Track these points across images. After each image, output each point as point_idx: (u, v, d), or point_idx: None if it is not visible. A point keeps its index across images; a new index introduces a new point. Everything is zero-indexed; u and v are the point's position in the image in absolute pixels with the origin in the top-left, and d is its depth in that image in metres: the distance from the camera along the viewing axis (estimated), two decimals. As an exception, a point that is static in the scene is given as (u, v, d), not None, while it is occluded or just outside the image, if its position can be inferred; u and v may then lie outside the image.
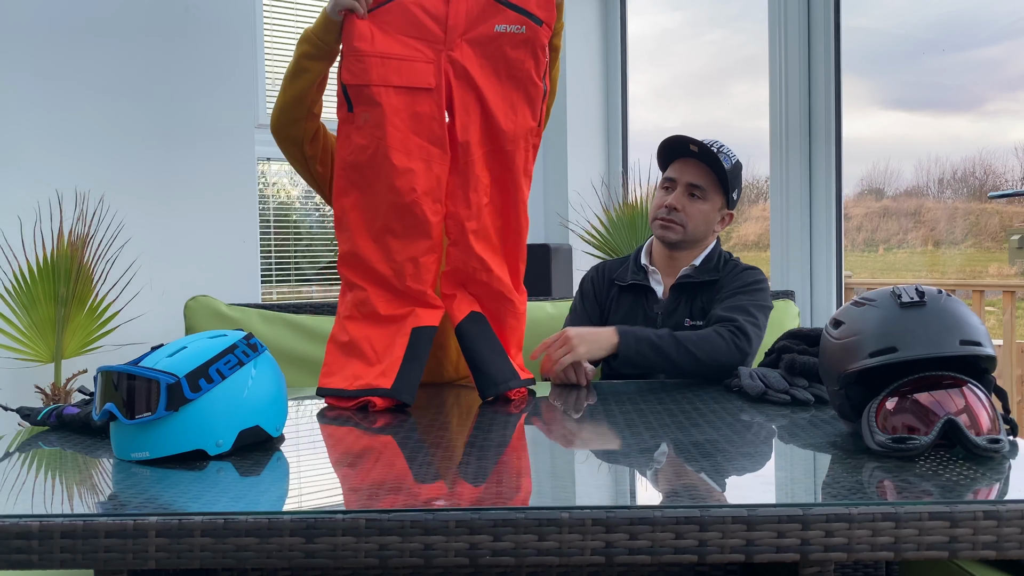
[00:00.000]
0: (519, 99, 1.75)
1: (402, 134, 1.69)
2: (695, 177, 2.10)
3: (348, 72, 1.70)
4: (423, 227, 1.70)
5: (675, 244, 2.14)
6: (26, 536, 0.94)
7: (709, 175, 2.10)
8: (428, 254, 1.72)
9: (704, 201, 2.11)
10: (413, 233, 1.70)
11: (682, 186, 2.11)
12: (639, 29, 4.31)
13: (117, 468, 1.19)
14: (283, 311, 2.39)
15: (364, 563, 0.95)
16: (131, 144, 3.29)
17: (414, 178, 1.69)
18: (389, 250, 1.71)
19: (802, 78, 3.22)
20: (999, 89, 3.14)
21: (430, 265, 1.73)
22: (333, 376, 1.67)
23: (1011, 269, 3.42)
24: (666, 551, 0.95)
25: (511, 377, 1.72)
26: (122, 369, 1.21)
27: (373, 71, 1.68)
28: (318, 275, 4.08)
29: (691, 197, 2.11)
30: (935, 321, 1.23)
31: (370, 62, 1.68)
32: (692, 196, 2.11)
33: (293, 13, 3.86)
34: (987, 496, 1.02)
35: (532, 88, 1.75)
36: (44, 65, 3.15)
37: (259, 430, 1.27)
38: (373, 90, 1.68)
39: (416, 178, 1.69)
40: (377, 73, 1.68)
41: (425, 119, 1.70)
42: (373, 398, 1.60)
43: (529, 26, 1.72)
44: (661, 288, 2.15)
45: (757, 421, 1.46)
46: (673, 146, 2.14)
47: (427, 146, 1.70)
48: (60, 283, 2.83)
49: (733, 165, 2.10)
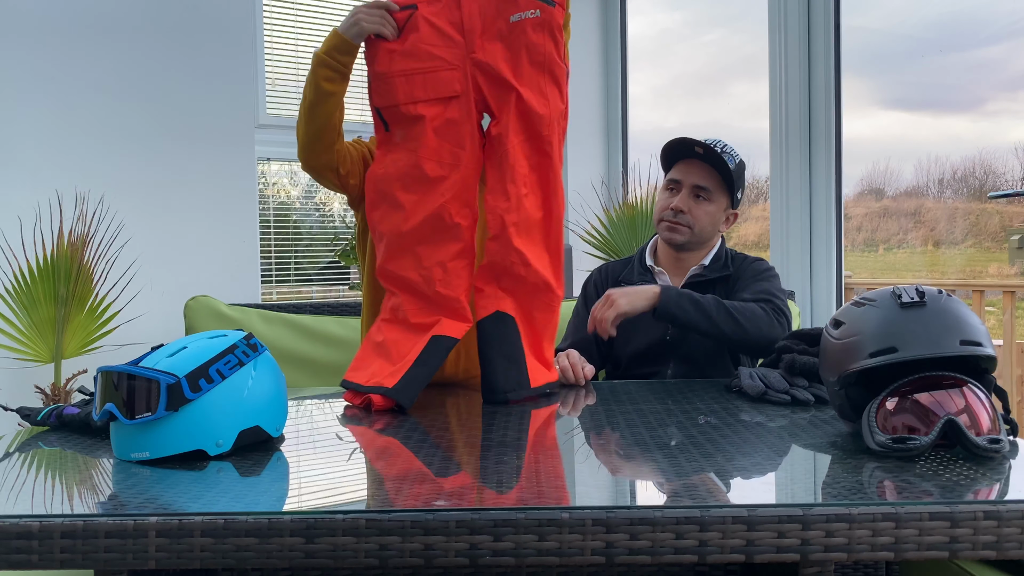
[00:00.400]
0: (546, 82, 1.74)
1: (435, 143, 1.71)
2: (700, 179, 2.10)
3: (377, 95, 1.73)
4: (451, 231, 1.71)
5: (682, 246, 2.14)
6: (26, 536, 0.94)
7: (714, 176, 2.09)
8: (458, 259, 1.73)
9: (710, 202, 2.11)
10: (441, 238, 1.71)
11: (687, 188, 2.11)
12: (639, 29, 4.31)
13: (117, 468, 1.19)
14: (283, 311, 2.39)
15: (364, 563, 0.95)
16: (131, 144, 3.29)
17: (444, 184, 1.70)
18: (418, 256, 1.72)
19: (802, 78, 3.22)
20: (999, 89, 3.14)
21: (460, 271, 1.73)
22: (357, 372, 1.69)
23: (1011, 269, 3.42)
24: (666, 551, 0.95)
25: (518, 387, 1.70)
26: (122, 369, 1.21)
27: (399, 90, 1.70)
28: (318, 275, 4.08)
29: (697, 199, 2.10)
30: (935, 321, 1.23)
31: (395, 82, 1.70)
32: (698, 197, 2.10)
33: (293, 13, 3.86)
34: (987, 496, 1.02)
35: (556, 69, 1.74)
36: (44, 65, 3.15)
37: (259, 430, 1.27)
38: (403, 108, 1.71)
39: (446, 184, 1.70)
40: (404, 91, 1.70)
41: (456, 124, 1.71)
42: (374, 396, 1.61)
43: (543, 8, 1.71)
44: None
45: (757, 421, 1.46)
46: (677, 148, 2.13)
47: (457, 150, 1.71)
48: (60, 283, 2.83)
49: (737, 164, 2.10)
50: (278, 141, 3.82)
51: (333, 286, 4.07)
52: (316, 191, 4.19)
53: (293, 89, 3.87)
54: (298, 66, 3.87)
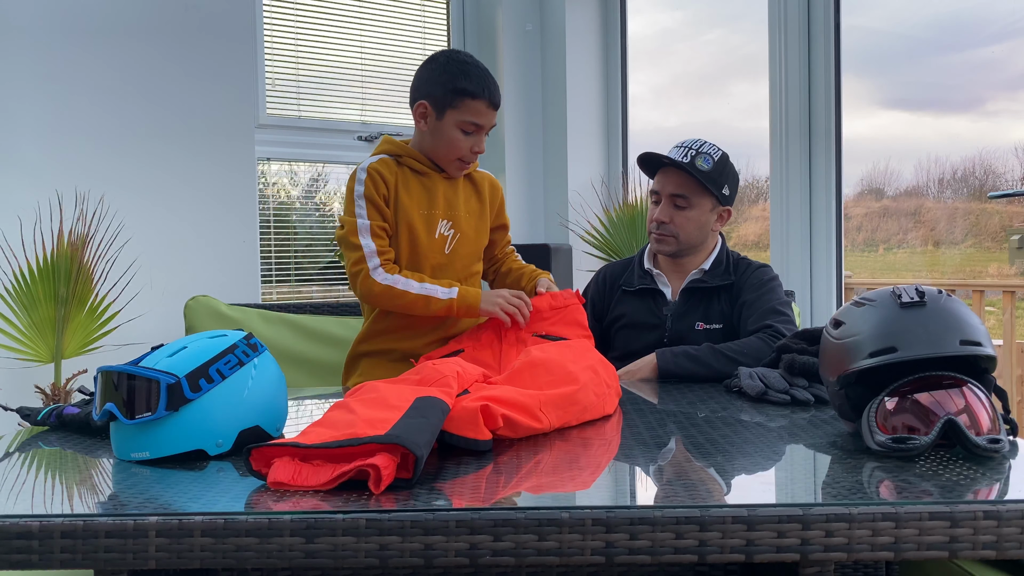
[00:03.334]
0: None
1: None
2: (676, 187, 2.10)
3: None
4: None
5: (673, 254, 2.14)
6: (26, 536, 0.94)
7: (690, 181, 2.08)
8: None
9: (690, 208, 2.10)
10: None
11: (666, 198, 2.11)
12: (639, 28, 4.30)
13: (117, 468, 1.19)
14: (283, 311, 2.39)
15: (364, 563, 0.95)
16: (131, 144, 3.29)
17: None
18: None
19: (802, 78, 3.22)
20: (999, 89, 3.14)
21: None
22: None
23: (1011, 269, 3.42)
24: (666, 551, 0.95)
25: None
26: (122, 369, 1.21)
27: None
28: (318, 275, 4.08)
29: (677, 207, 2.10)
30: (935, 321, 1.23)
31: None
32: (677, 206, 2.10)
33: (293, 13, 3.86)
34: (987, 496, 1.02)
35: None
36: (44, 65, 3.15)
37: (259, 430, 1.27)
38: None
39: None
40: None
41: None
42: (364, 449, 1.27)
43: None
44: (669, 290, 2.15)
45: (757, 421, 1.46)
46: (648, 161, 2.14)
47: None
48: (60, 283, 2.83)
49: (715, 163, 2.08)
50: (278, 141, 3.82)
51: (333, 286, 4.07)
52: (316, 191, 4.19)
53: (293, 89, 3.87)
54: (298, 66, 3.87)
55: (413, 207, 1.96)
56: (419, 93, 1.96)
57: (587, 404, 1.45)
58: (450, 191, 2.01)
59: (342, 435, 1.10)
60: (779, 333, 1.95)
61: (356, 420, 1.17)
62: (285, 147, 3.87)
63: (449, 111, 1.92)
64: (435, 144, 1.96)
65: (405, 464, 1.07)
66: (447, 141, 1.94)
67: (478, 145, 1.95)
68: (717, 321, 2.08)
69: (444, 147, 1.95)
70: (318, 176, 4.16)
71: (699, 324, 2.07)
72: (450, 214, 2.00)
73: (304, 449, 1.07)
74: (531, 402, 1.35)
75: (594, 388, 1.49)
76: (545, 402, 1.37)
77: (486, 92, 1.91)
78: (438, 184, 2.00)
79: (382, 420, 1.15)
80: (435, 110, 1.93)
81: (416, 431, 1.10)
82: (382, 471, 1.02)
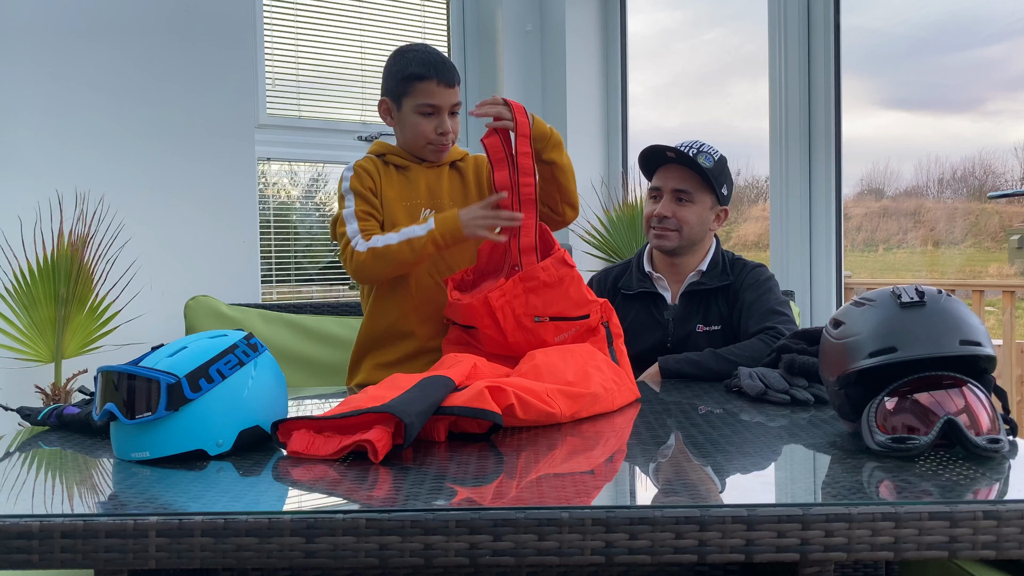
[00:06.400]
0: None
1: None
2: (679, 182, 2.12)
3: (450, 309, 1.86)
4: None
5: (673, 251, 2.15)
6: (26, 536, 0.94)
7: (692, 177, 2.11)
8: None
9: (693, 204, 2.12)
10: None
11: (668, 193, 2.13)
12: (639, 28, 4.30)
13: (117, 468, 1.19)
14: (283, 311, 2.39)
15: (364, 563, 0.95)
16: (131, 144, 3.29)
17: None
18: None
19: (802, 78, 3.22)
20: (999, 89, 3.14)
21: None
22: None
23: (1011, 269, 3.42)
24: (666, 551, 0.95)
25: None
26: (122, 369, 1.21)
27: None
28: (318, 275, 4.08)
29: (679, 202, 2.12)
30: (935, 321, 1.23)
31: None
32: (680, 201, 2.12)
33: (293, 13, 3.86)
34: (987, 496, 1.02)
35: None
36: (44, 65, 3.15)
37: (259, 430, 1.27)
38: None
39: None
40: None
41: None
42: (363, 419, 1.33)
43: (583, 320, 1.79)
44: (669, 294, 2.16)
45: (757, 421, 1.46)
46: (651, 156, 2.15)
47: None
48: (60, 283, 2.83)
49: (716, 162, 2.11)
50: (278, 141, 3.82)
51: (333, 286, 4.07)
52: (316, 191, 4.19)
53: (293, 89, 3.87)
54: (298, 66, 3.87)
55: (396, 199, 2.00)
56: (381, 93, 2.02)
57: (596, 394, 1.51)
58: (433, 181, 2.03)
59: (349, 409, 1.26)
60: (780, 334, 1.96)
61: (365, 398, 1.34)
62: (285, 147, 3.86)
63: (405, 99, 1.96)
64: (404, 135, 2.01)
65: (400, 434, 1.21)
66: (411, 128, 1.98)
67: (442, 126, 1.96)
68: (716, 323, 2.09)
69: (411, 135, 1.99)
70: (318, 176, 4.16)
71: (699, 327, 2.09)
72: (432, 202, 2.02)
73: (317, 421, 1.24)
74: (540, 389, 1.42)
75: (600, 381, 1.54)
76: (553, 392, 1.44)
77: (433, 71, 1.93)
78: (420, 175, 2.02)
79: (385, 398, 1.29)
80: (394, 103, 1.99)
81: (410, 403, 1.24)
82: (376, 444, 1.16)
